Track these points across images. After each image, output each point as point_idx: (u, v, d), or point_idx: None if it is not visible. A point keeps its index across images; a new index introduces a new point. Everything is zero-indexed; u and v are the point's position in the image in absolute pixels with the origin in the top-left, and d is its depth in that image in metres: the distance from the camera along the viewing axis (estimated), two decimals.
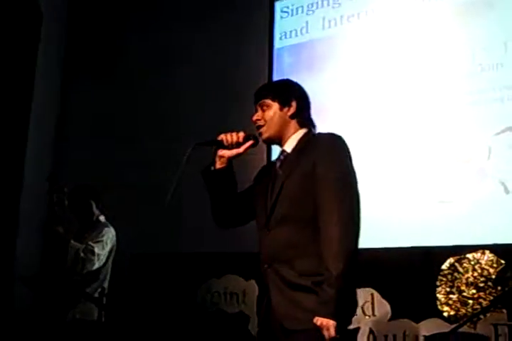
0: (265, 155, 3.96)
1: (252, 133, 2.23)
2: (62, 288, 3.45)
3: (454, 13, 3.80)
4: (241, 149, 2.20)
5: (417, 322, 3.25)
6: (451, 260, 3.20)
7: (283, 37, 4.60)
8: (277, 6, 4.68)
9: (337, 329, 1.85)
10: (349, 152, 2.09)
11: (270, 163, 2.35)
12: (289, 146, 2.17)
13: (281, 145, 2.22)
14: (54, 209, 3.46)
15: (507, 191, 3.36)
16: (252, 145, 2.21)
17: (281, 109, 2.18)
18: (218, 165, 2.21)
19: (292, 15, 4.58)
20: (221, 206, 2.24)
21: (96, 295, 3.45)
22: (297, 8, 4.55)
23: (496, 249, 3.16)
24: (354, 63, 4.12)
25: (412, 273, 3.34)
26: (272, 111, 2.18)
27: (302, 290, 1.96)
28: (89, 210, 3.62)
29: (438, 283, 3.17)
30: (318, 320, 1.87)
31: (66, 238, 3.44)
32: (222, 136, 2.21)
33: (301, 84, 2.32)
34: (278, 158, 2.22)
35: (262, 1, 4.71)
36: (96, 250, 3.47)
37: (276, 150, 2.41)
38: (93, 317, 3.41)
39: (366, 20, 4.15)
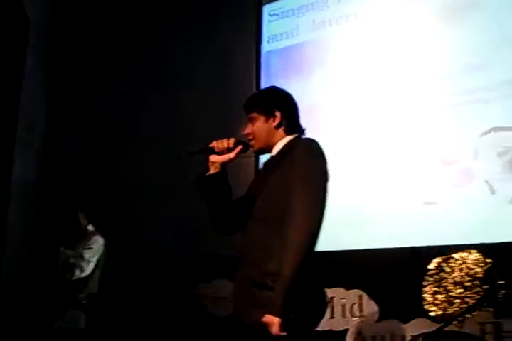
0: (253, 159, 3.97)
1: (242, 140, 2.32)
2: (50, 296, 3.45)
3: (439, 14, 3.83)
4: (232, 154, 2.29)
5: (405, 322, 3.27)
6: (437, 260, 3.21)
7: (271, 40, 4.62)
8: (265, 9, 4.70)
9: (286, 327, 1.91)
10: (323, 156, 2.16)
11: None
12: (275, 151, 2.29)
13: (270, 152, 2.32)
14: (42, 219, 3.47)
15: (493, 191, 3.37)
16: (242, 151, 2.30)
17: (266, 121, 2.28)
18: (212, 171, 2.30)
19: (282, 17, 4.60)
20: (217, 212, 2.31)
21: (85, 301, 3.45)
22: (287, 11, 4.57)
23: (482, 248, 3.17)
24: (344, 65, 4.14)
25: (400, 274, 3.35)
26: (259, 124, 2.29)
27: (262, 288, 2.03)
28: (76, 221, 3.64)
29: (424, 283, 3.18)
30: (265, 317, 1.94)
31: (55, 245, 3.45)
32: (213, 143, 2.31)
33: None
34: (265, 163, 2.34)
35: (248, 5, 4.73)
36: (86, 256, 3.49)
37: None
38: (81, 325, 3.41)
39: (355, 22, 4.17)
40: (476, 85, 3.57)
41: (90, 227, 3.67)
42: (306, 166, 2.11)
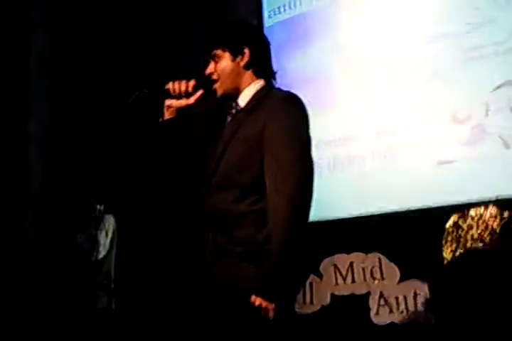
0: None
1: (205, 81, 2.01)
2: (70, 279, 3.49)
3: None
4: (191, 100, 2.00)
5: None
6: (454, 218, 3.16)
7: (272, 14, 4.57)
8: None
9: (276, 310, 1.71)
10: (306, 114, 1.90)
11: (223, 117, 2.08)
12: (243, 100, 1.99)
13: (236, 98, 2.01)
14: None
15: (507, 146, 3.30)
16: (203, 97, 2.01)
17: (233, 60, 1.97)
18: (166, 116, 2.02)
19: None
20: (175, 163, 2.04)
21: (104, 282, 3.49)
22: None
23: (498, 203, 3.11)
24: (346, 33, 4.07)
25: (418, 234, 3.30)
26: (224, 63, 1.97)
27: (235, 258, 1.83)
28: (89, 204, 3.68)
29: (443, 242, 3.13)
30: (257, 300, 1.72)
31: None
32: (169, 85, 2.01)
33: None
34: (229, 112, 2.02)
35: None
36: (100, 237, 3.52)
37: None
38: (102, 305, 3.45)
39: None
40: (483, 41, 3.49)
41: (100, 207, 3.69)
42: (287, 120, 1.84)
